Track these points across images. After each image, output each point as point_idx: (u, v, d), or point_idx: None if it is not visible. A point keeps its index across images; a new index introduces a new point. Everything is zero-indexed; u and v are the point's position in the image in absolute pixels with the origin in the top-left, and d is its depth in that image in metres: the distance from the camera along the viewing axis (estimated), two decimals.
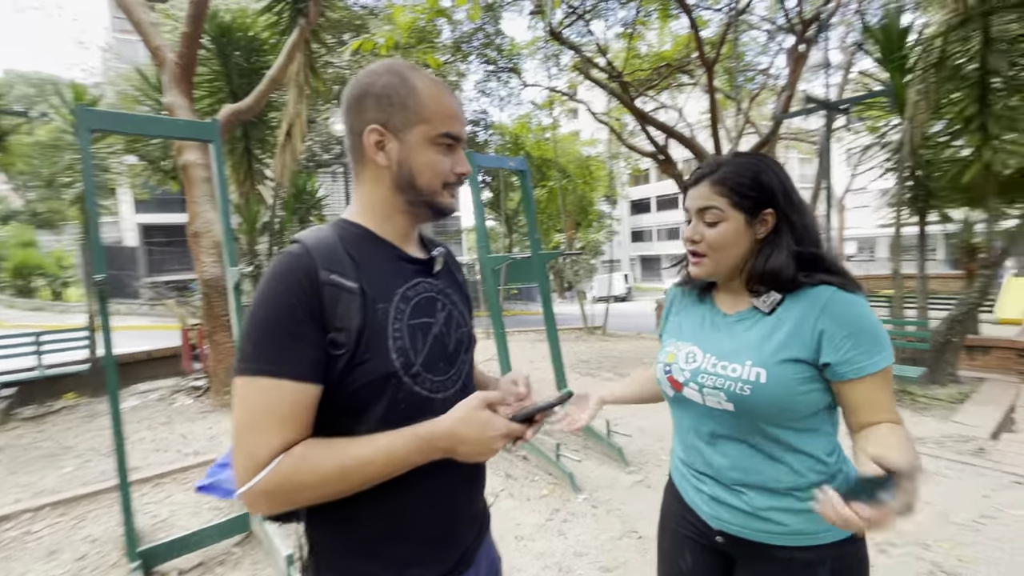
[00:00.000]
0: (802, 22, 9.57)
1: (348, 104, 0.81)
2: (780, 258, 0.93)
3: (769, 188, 0.94)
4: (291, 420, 0.69)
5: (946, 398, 4.81)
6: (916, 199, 5.80)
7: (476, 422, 0.72)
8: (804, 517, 0.93)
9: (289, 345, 0.69)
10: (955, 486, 3.04)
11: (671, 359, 1.05)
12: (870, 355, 0.88)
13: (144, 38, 5.42)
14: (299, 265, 0.72)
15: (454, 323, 0.88)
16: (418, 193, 0.81)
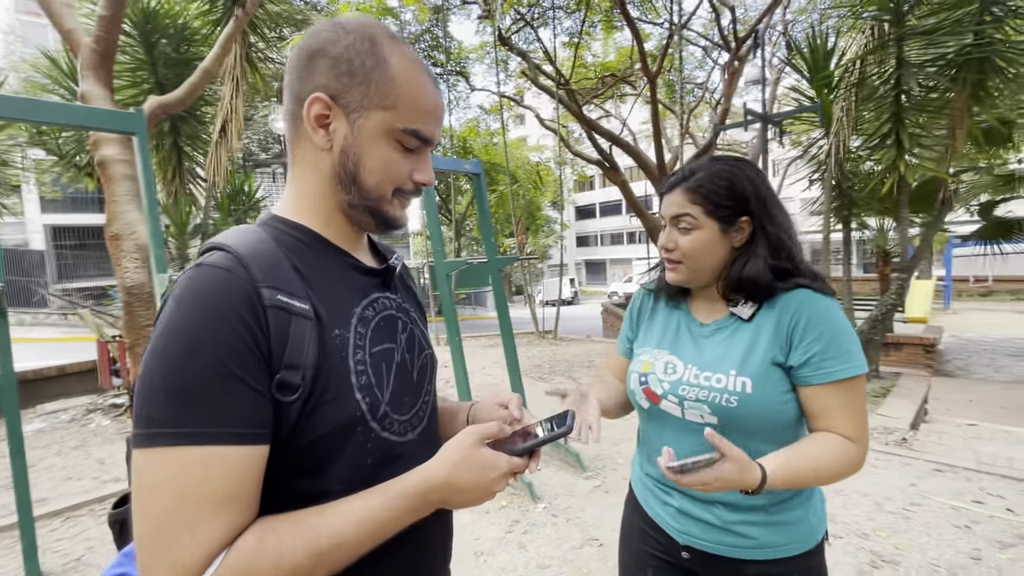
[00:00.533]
0: (736, 39, 10.15)
1: (297, 60, 0.62)
2: (756, 266, 0.91)
3: (743, 196, 0.92)
4: (232, 499, 0.50)
5: (870, 392, 5.18)
6: (840, 208, 6.24)
7: (475, 464, 0.58)
8: (773, 530, 0.92)
9: (225, 395, 0.50)
10: (885, 476, 3.26)
11: (647, 369, 1.00)
12: (838, 361, 0.86)
13: (54, 20, 4.90)
14: (231, 283, 0.53)
15: (416, 346, 0.72)
16: (361, 194, 0.63)
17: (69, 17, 4.92)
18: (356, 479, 0.58)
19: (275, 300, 0.54)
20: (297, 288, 0.57)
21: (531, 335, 10.49)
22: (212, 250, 0.58)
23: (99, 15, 4.78)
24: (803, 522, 0.94)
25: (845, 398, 0.86)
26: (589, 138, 12.52)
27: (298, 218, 0.65)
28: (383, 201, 0.64)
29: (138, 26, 5.67)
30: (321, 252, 0.64)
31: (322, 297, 0.60)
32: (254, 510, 0.53)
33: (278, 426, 0.54)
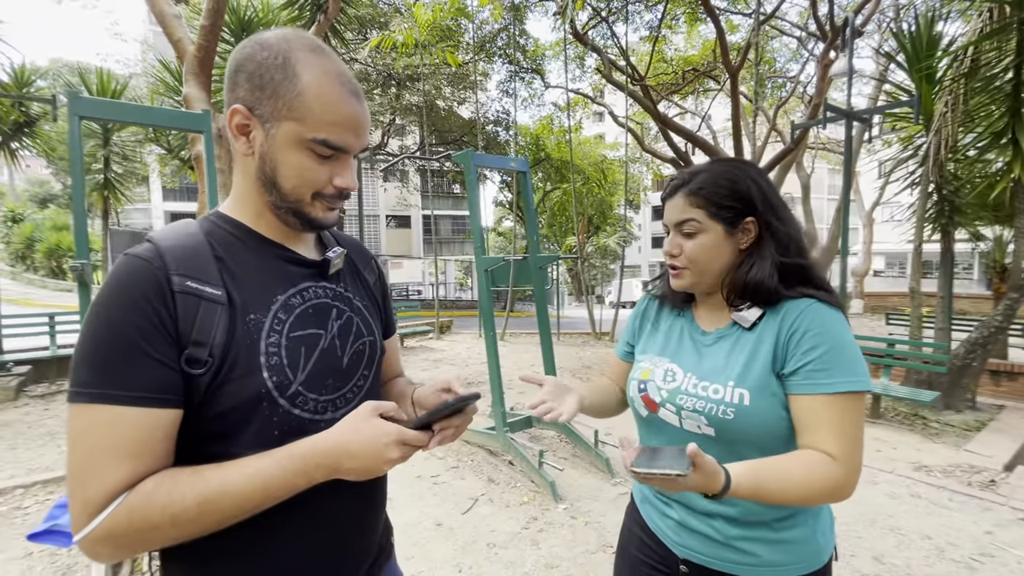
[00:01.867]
0: (833, 28, 9.29)
1: (229, 73, 0.68)
2: (764, 269, 0.88)
3: (747, 196, 0.89)
4: (138, 453, 0.58)
5: (960, 425, 4.57)
6: (940, 214, 5.54)
7: (365, 432, 0.63)
8: (777, 548, 0.89)
9: (132, 365, 0.58)
10: (955, 519, 2.88)
11: (647, 376, 0.98)
12: (832, 374, 0.81)
13: (166, 30, 5.55)
14: (144, 270, 0.61)
15: (353, 334, 0.77)
16: (281, 197, 0.69)
17: (178, 27, 5.55)
18: (264, 448, 0.64)
19: (184, 286, 0.62)
20: (212, 276, 0.64)
21: (587, 335, 10.34)
22: (145, 242, 0.66)
23: (201, 25, 5.35)
24: (809, 541, 0.90)
25: (835, 414, 0.80)
26: (664, 136, 12.06)
27: (234, 214, 0.72)
28: (303, 204, 0.69)
29: (235, 34, 6.27)
30: (251, 245, 0.71)
31: (241, 285, 0.67)
32: (162, 463, 0.60)
33: (190, 395, 0.62)
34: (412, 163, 17.79)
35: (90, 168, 6.36)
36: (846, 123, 5.33)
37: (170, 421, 0.61)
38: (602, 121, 34.16)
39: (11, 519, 2.86)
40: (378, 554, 0.83)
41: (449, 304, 19.53)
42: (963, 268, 22.65)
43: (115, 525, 0.57)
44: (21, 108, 6.37)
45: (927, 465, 3.69)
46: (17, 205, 21.20)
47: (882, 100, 10.43)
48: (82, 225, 2.24)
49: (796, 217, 0.93)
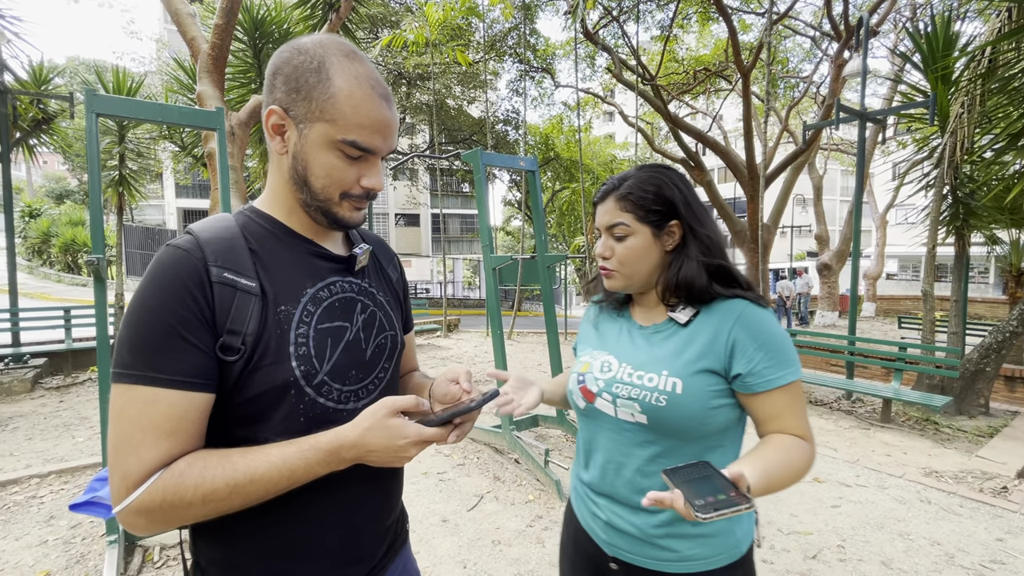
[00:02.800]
0: (847, 28, 9.19)
1: (268, 75, 0.72)
2: (691, 269, 0.94)
3: (671, 201, 0.95)
4: (173, 432, 0.62)
5: (973, 431, 4.51)
6: (955, 217, 5.46)
7: (383, 430, 0.66)
8: (697, 542, 0.92)
9: (170, 350, 0.62)
10: (966, 525, 2.84)
11: (586, 368, 1.03)
12: (778, 368, 0.88)
13: (181, 28, 5.62)
14: (185, 261, 0.65)
15: (376, 327, 0.81)
16: (311, 195, 0.72)
17: (192, 26, 5.63)
18: (289, 434, 0.68)
19: (222, 277, 0.65)
20: (247, 268, 0.68)
21: None
22: (185, 234, 0.70)
23: (214, 23, 5.42)
24: (728, 534, 0.94)
25: (790, 401, 0.89)
26: (674, 136, 12.00)
27: (268, 209, 0.76)
28: (331, 203, 0.72)
29: (248, 32, 6.33)
30: (283, 239, 0.74)
31: (273, 277, 0.70)
32: (194, 444, 0.64)
33: (223, 380, 0.66)
34: (422, 161, 17.87)
35: (106, 164, 6.46)
36: (859, 124, 5.28)
37: (204, 404, 0.65)
38: (612, 121, 34.03)
39: (27, 508, 2.92)
40: (393, 540, 0.86)
41: (457, 303, 19.59)
42: (978, 272, 22.30)
43: (150, 500, 0.60)
44: (39, 105, 6.48)
45: (938, 471, 3.65)
46: (34, 200, 21.58)
47: (897, 101, 10.29)
48: (98, 220, 2.28)
49: (715, 221, 1.00)
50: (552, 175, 19.36)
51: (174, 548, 2.54)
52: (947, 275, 18.87)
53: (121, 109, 2.32)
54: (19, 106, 6.25)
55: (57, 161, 27.35)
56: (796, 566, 2.44)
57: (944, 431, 4.56)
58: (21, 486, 3.18)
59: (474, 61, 13.11)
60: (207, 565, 0.73)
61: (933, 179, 5.39)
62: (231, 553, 0.72)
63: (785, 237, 22.69)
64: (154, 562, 2.42)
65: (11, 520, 2.78)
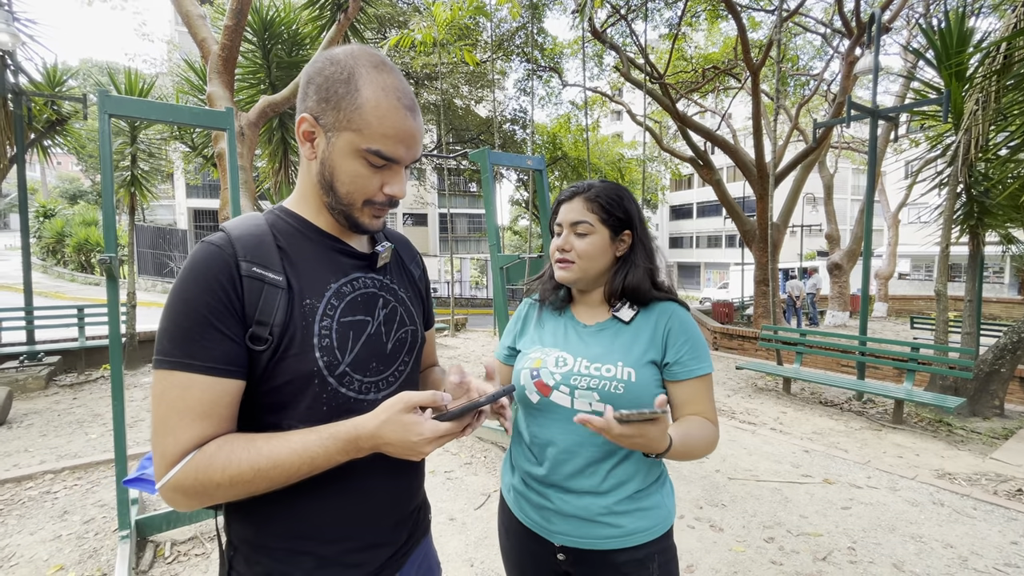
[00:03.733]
0: (859, 24, 9.08)
1: (302, 83, 0.76)
2: (638, 274, 1.07)
3: (630, 213, 1.09)
4: (206, 416, 0.67)
5: (987, 432, 4.45)
6: (969, 215, 5.38)
7: (399, 425, 0.68)
8: (638, 516, 1.02)
9: (205, 339, 0.66)
10: (979, 528, 2.80)
11: (538, 364, 1.08)
12: (698, 360, 1.04)
13: (191, 30, 5.68)
14: (218, 256, 0.69)
15: (397, 322, 0.84)
16: (337, 200, 0.76)
17: (202, 27, 5.68)
18: (313, 421, 0.72)
19: (251, 271, 0.70)
20: (275, 263, 0.72)
21: None
22: (218, 231, 0.75)
23: (225, 25, 5.46)
24: (661, 506, 1.05)
25: (703, 390, 1.04)
26: (683, 134, 11.93)
27: (297, 209, 0.80)
28: (353, 208, 0.76)
29: (257, 33, 6.38)
30: (310, 237, 0.78)
31: (299, 272, 0.74)
32: (226, 427, 0.69)
33: (252, 369, 0.70)
34: (429, 161, 17.91)
35: (118, 165, 6.53)
36: (871, 121, 5.21)
37: (235, 390, 0.69)
38: (620, 120, 33.89)
39: (41, 503, 2.97)
40: (414, 528, 0.89)
41: (464, 302, 19.62)
42: (993, 272, 21.95)
43: (185, 478, 0.65)
44: (53, 107, 6.58)
45: (951, 473, 3.60)
46: (49, 201, 21.90)
47: (909, 98, 10.16)
48: (111, 220, 2.30)
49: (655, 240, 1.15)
50: (560, 174, 19.32)
51: (185, 544, 2.57)
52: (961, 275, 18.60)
53: (133, 110, 2.35)
54: (34, 107, 6.34)
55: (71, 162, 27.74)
56: (806, 568, 2.42)
57: (957, 433, 4.50)
58: (36, 482, 3.23)
59: (481, 61, 13.11)
60: (239, 543, 0.78)
61: (947, 177, 5.31)
62: (260, 533, 0.76)
63: (795, 236, 22.49)
64: (165, 557, 2.45)
65: (26, 515, 2.82)
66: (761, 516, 2.92)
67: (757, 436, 4.33)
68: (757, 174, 9.98)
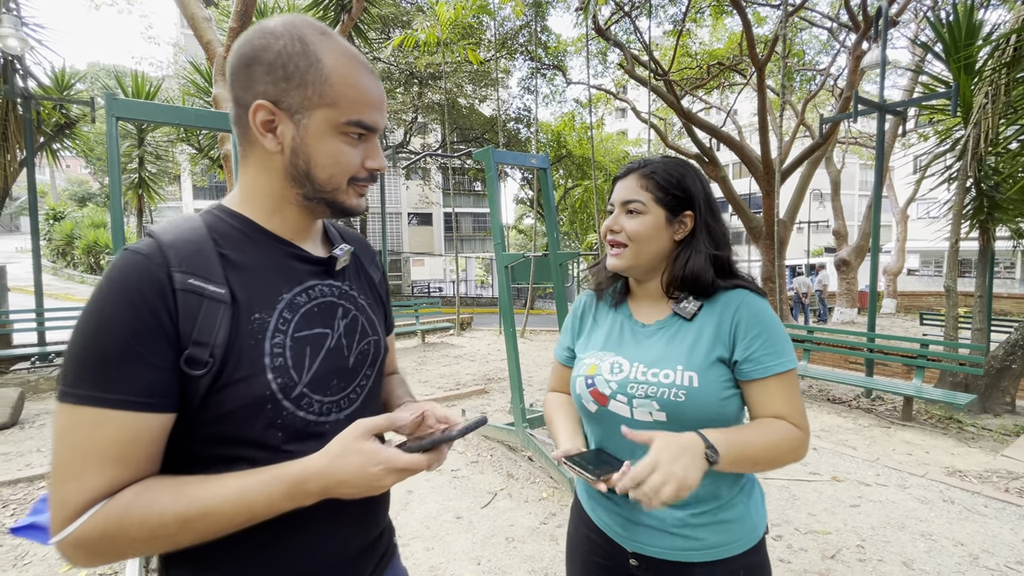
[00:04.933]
0: (866, 18, 9.00)
1: (235, 68, 0.64)
2: (699, 261, 0.95)
3: (692, 192, 0.97)
4: (121, 458, 0.56)
5: (998, 429, 4.40)
6: (979, 210, 5.32)
7: (357, 455, 0.60)
8: (718, 529, 0.93)
9: (122, 366, 0.56)
10: (990, 526, 2.78)
11: (593, 371, 0.99)
12: (776, 356, 0.90)
13: (196, 33, 5.72)
14: (144, 267, 0.59)
15: (358, 333, 0.76)
16: (316, 188, 0.68)
17: (208, 30, 5.71)
18: (265, 451, 0.63)
19: (186, 284, 0.59)
20: (215, 273, 0.62)
21: None
22: (145, 237, 0.63)
23: (229, 27, 5.50)
24: (745, 519, 0.96)
25: (784, 389, 0.90)
26: (688, 131, 11.88)
27: (242, 209, 0.69)
28: (339, 192, 0.68)
29: None
30: (257, 241, 0.68)
31: (246, 283, 0.64)
32: (146, 469, 0.58)
33: (189, 397, 0.60)
34: (434, 161, 17.94)
35: (126, 167, 6.60)
36: (879, 116, 5.17)
37: (160, 426, 0.59)
38: (624, 117, 33.76)
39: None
40: (381, 557, 0.82)
41: (470, 301, 19.64)
42: (1004, 267, 21.70)
43: (90, 532, 0.55)
44: (62, 110, 6.65)
45: (961, 470, 3.57)
46: (58, 204, 22.14)
47: (917, 92, 10.05)
48: (119, 222, 2.33)
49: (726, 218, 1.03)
50: (564, 172, 19.30)
51: None
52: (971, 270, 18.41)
53: (140, 112, 2.37)
54: (43, 111, 6.41)
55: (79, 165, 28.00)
56: (814, 565, 2.41)
57: (968, 430, 4.45)
58: (48, 481, 3.27)
59: (485, 59, 13.11)
60: None
61: (956, 172, 5.26)
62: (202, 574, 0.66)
63: (802, 233, 22.35)
64: None
65: None
66: (769, 514, 2.90)
67: None
68: (763, 170, 9.91)
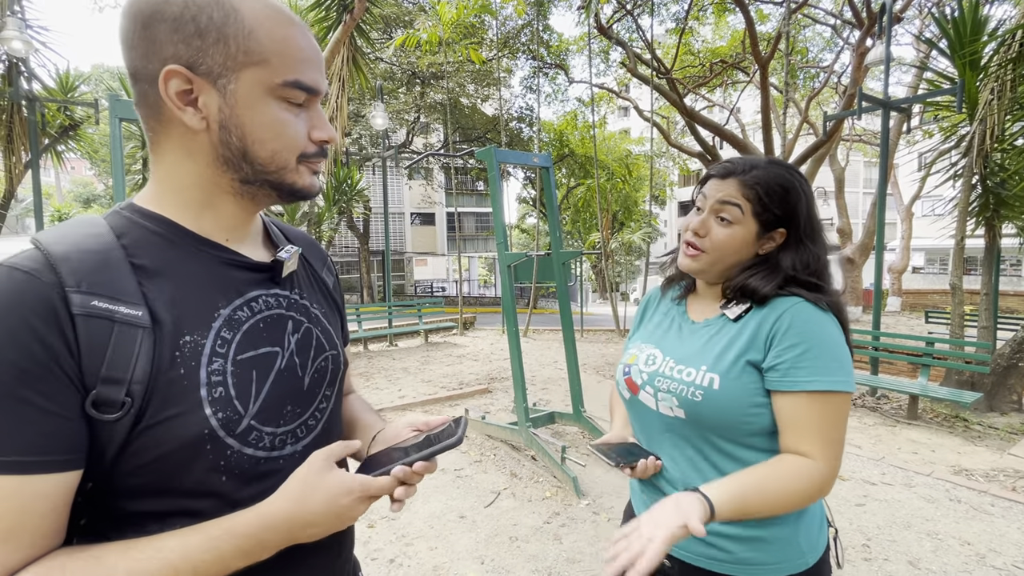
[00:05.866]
0: (869, 15, 8.95)
1: (130, 32, 0.51)
2: (769, 280, 0.88)
3: (794, 209, 0.89)
4: (10, 535, 0.44)
5: (1005, 428, 4.37)
6: (984, 207, 5.28)
7: (322, 492, 0.52)
8: (751, 546, 0.88)
9: (4, 421, 0.44)
10: (998, 525, 2.76)
11: (632, 360, 1.01)
12: (812, 372, 0.81)
13: None
14: (29, 288, 0.45)
15: (313, 348, 0.64)
16: (257, 169, 0.55)
17: None
18: (207, 500, 0.53)
19: (89, 307, 0.47)
20: (128, 291, 0.50)
21: (611, 332, 10.26)
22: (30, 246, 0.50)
23: None
24: (790, 542, 0.89)
25: (815, 413, 0.81)
26: (691, 130, 11.84)
27: (160, 209, 0.56)
28: (286, 171, 0.57)
29: None
30: (182, 247, 0.56)
31: (171, 299, 0.52)
32: (46, 545, 0.47)
33: (103, 446, 0.48)
34: (436, 160, 17.95)
35: (130, 169, 6.63)
36: (883, 113, 5.14)
37: (62, 489, 0.47)
38: (627, 116, 33.69)
39: None
40: None
41: (473, 300, 19.65)
42: (1010, 264, 21.55)
43: None
44: (66, 112, 6.68)
45: (968, 469, 3.55)
46: (63, 205, 22.28)
47: (922, 88, 10.00)
48: None
49: (827, 240, 0.93)
50: (567, 171, 19.27)
51: None
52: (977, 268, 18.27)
53: None
54: (47, 113, 6.45)
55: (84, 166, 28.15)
56: None
57: (974, 428, 4.42)
58: None
59: (487, 59, 13.11)
60: None
61: (961, 168, 5.22)
62: None
63: None
64: None
65: None
66: None
67: None
68: None
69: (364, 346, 8.56)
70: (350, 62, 6.73)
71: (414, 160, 10.96)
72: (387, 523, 2.81)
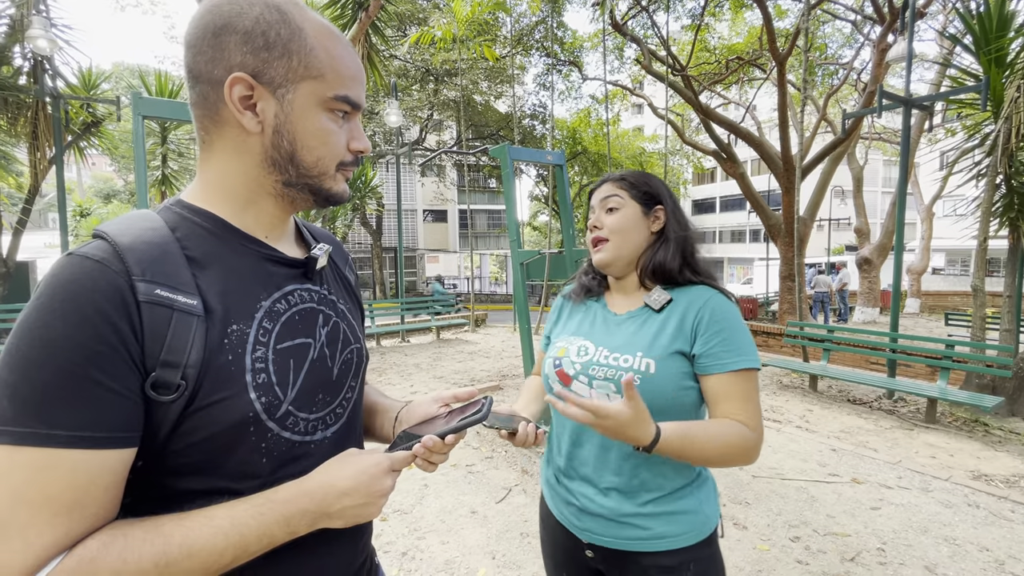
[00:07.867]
0: (891, 10, 8.76)
1: (198, 39, 0.56)
2: (668, 249, 1.03)
3: (658, 191, 1.07)
4: (76, 505, 0.47)
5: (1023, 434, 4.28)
6: (1009, 207, 5.16)
7: (351, 464, 0.59)
8: (667, 520, 0.97)
9: (75, 396, 0.46)
10: (1019, 531, 2.70)
11: (562, 353, 1.07)
12: (733, 354, 0.94)
13: None
14: (100, 276, 0.49)
15: (341, 341, 0.69)
16: (301, 173, 0.61)
17: None
18: (248, 480, 0.57)
19: (153, 295, 0.51)
20: (184, 281, 0.54)
21: None
22: (95, 239, 0.54)
23: None
24: (697, 511, 0.99)
25: (740, 388, 0.94)
26: (706, 127, 11.72)
27: (208, 205, 0.61)
28: (325, 177, 0.62)
29: None
30: (228, 242, 0.60)
31: (220, 290, 0.57)
32: (107, 515, 0.50)
33: (157, 425, 0.52)
34: (449, 158, 18.00)
35: (150, 164, 6.75)
36: (904, 111, 5.04)
37: (121, 464, 0.50)
38: (641, 113, 33.45)
39: None
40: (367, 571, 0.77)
41: (484, 298, 19.69)
42: None
43: None
44: (89, 109, 6.82)
45: (987, 474, 3.48)
46: (85, 200, 22.75)
47: (945, 86, 9.77)
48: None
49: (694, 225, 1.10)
50: (580, 169, 19.19)
51: None
52: (999, 269, 17.83)
53: (164, 111, 2.42)
54: (70, 110, 6.59)
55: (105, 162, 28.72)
56: (833, 568, 2.37)
57: (995, 433, 4.33)
58: None
59: (501, 56, 13.09)
60: None
61: (985, 168, 5.10)
62: None
63: (822, 231, 21.92)
64: None
65: None
66: (786, 515, 2.87)
67: (782, 434, 4.24)
68: (783, 167, 9.74)
69: (377, 342, 8.64)
70: (365, 59, 6.77)
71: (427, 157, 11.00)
72: (399, 517, 2.84)
